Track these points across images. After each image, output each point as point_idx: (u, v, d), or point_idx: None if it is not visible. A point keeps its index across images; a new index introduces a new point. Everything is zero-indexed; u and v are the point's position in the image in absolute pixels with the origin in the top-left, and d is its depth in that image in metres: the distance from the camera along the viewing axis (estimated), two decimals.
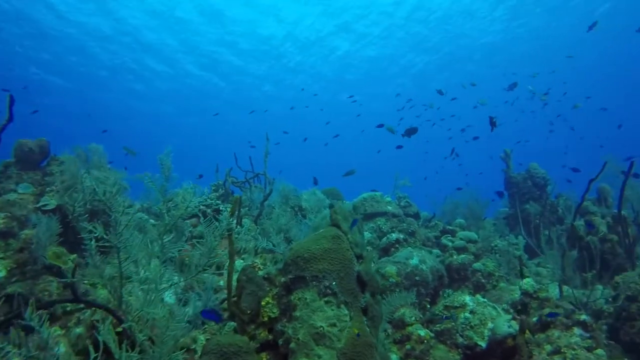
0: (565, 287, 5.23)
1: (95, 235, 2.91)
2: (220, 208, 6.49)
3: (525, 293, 4.65)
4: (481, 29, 22.59)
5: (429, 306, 5.39)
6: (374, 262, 5.94)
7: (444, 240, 6.94)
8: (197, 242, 3.29)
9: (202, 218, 6.03)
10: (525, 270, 6.62)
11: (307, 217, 6.37)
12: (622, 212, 5.78)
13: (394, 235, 6.29)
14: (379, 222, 7.34)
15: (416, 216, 8.04)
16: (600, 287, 6.05)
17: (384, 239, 6.32)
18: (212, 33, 23.12)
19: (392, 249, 6.15)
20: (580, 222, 6.29)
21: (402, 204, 7.96)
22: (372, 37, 23.81)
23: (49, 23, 19.99)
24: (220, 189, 8.15)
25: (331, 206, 7.47)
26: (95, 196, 4.93)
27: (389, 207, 7.62)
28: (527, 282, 4.66)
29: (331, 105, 32.74)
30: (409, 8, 20.78)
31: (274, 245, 4.45)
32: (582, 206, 6.50)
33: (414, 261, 5.39)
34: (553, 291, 6.00)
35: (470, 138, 15.07)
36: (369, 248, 6.04)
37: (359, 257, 3.44)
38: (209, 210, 6.47)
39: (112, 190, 3.03)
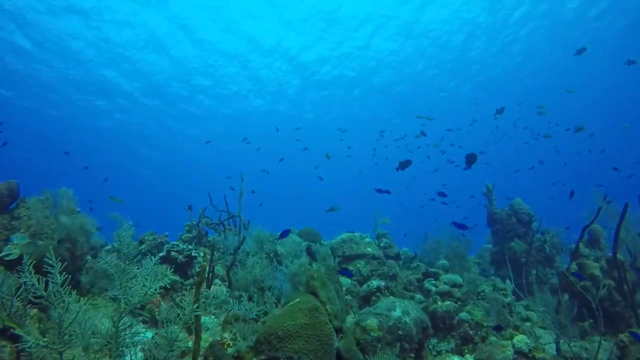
0: (561, 341, 4.79)
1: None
2: (193, 254, 5.90)
3: (519, 352, 4.18)
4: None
5: None
6: (353, 313, 5.42)
7: (427, 285, 6.47)
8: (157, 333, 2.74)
9: (171, 267, 5.46)
10: (515, 317, 6.19)
11: (283, 263, 5.87)
12: (618, 256, 5.44)
13: (375, 283, 5.80)
14: (358, 265, 6.87)
15: (397, 257, 7.59)
16: (597, 338, 5.63)
17: (364, 286, 5.82)
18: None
19: (373, 298, 5.65)
20: (572, 266, 5.92)
21: (382, 244, 7.51)
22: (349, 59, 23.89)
23: None
24: (194, 230, 7.60)
25: (309, 250, 6.99)
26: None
27: (369, 249, 7.16)
28: (521, 340, 4.21)
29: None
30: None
31: (246, 310, 3.89)
32: (572, 248, 6.15)
33: (397, 313, 4.89)
34: (547, 346, 5.56)
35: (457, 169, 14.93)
36: (348, 297, 5.53)
37: (339, 330, 2.94)
38: (180, 257, 5.89)
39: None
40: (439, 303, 6.03)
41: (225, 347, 3.25)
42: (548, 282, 8.36)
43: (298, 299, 2.98)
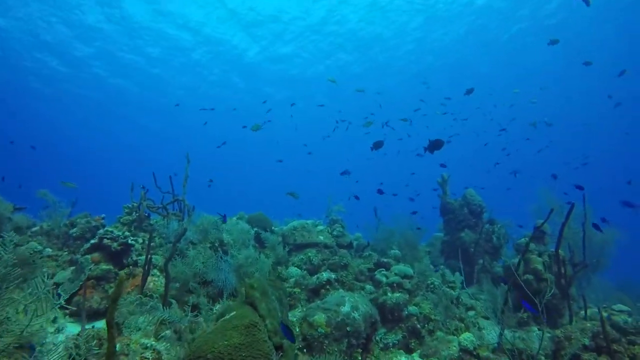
0: (499, 331, 4.83)
1: None
2: (129, 242, 5.41)
3: (464, 350, 4.15)
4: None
5: (360, 358, 4.77)
6: (301, 307, 5.23)
7: (378, 276, 6.38)
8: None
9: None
10: (461, 309, 6.24)
11: (229, 252, 5.56)
12: (560, 252, 5.54)
13: (325, 275, 5.62)
14: (309, 254, 6.67)
15: (349, 246, 7.47)
16: (535, 328, 5.77)
17: (314, 278, 5.62)
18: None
19: (323, 291, 5.47)
20: (517, 260, 6.01)
21: (334, 232, 7.34)
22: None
23: None
24: (135, 213, 7.08)
25: (257, 237, 6.70)
26: None
27: (321, 237, 6.98)
28: (467, 338, 4.17)
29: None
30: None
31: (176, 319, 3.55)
32: (519, 243, 6.25)
33: (346, 308, 4.75)
34: (489, 337, 5.64)
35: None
36: (296, 290, 5.31)
37: (279, 347, 2.69)
38: (114, 245, 5.38)
39: None
40: (389, 294, 5.97)
41: None
42: (492, 272, 8.58)
43: (234, 313, 2.68)
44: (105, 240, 5.20)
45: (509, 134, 25.55)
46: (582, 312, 5.83)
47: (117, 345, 3.33)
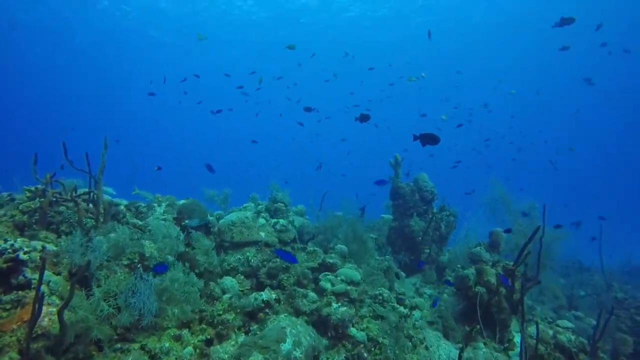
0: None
1: None
2: (21, 257, 4.28)
3: None
4: None
5: None
6: (235, 337, 4.56)
7: (322, 283, 5.84)
8: None
9: None
10: (409, 323, 5.94)
11: (151, 266, 4.70)
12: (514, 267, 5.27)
13: (264, 296, 4.94)
14: (248, 254, 5.96)
15: (294, 241, 6.82)
16: (481, 344, 5.60)
17: (252, 298, 4.92)
18: None
19: (261, 314, 4.83)
20: (470, 271, 5.71)
21: (277, 227, 6.63)
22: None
23: None
24: (38, 200, 5.84)
25: (187, 238, 5.82)
26: None
27: (262, 234, 6.25)
28: None
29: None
30: None
31: None
32: (473, 252, 5.92)
33: (287, 346, 4.15)
34: (437, 352, 5.39)
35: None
36: (229, 317, 4.62)
37: None
38: None
39: None
40: (333, 306, 5.48)
41: None
42: (437, 261, 8.43)
43: None
44: None
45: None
46: (529, 328, 5.73)
47: None
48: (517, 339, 5.70)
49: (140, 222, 5.85)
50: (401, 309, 5.68)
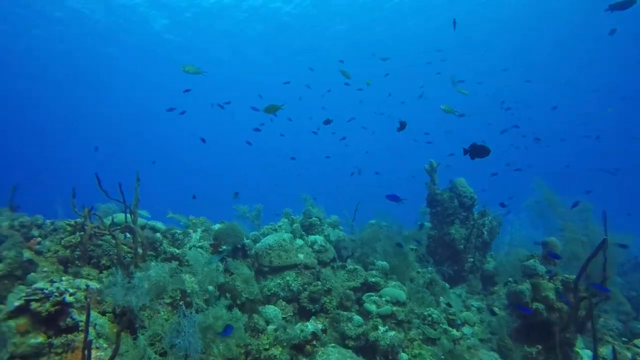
0: None
1: None
2: (67, 299, 4.24)
3: None
4: None
5: None
6: None
7: (367, 305, 5.61)
8: None
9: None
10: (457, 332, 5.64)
11: (193, 302, 4.59)
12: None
13: (310, 327, 4.76)
14: (287, 278, 5.78)
15: (333, 260, 6.62)
16: None
17: (297, 330, 4.74)
18: None
19: (308, 347, 4.64)
20: (525, 286, 5.35)
21: (315, 247, 6.44)
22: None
23: None
24: (78, 234, 5.84)
25: (225, 271, 5.66)
26: None
27: (300, 256, 6.06)
28: None
29: None
30: None
31: None
32: (527, 265, 5.56)
33: None
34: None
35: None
36: (274, 352, 4.45)
37: None
38: (46, 306, 4.10)
39: None
40: (380, 329, 5.25)
41: None
42: (482, 269, 8.06)
43: None
44: (34, 304, 4.09)
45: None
46: (600, 349, 5.32)
47: None
48: None
49: (177, 251, 5.76)
50: (454, 332, 5.38)
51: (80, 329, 4.24)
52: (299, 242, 6.27)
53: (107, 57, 25.58)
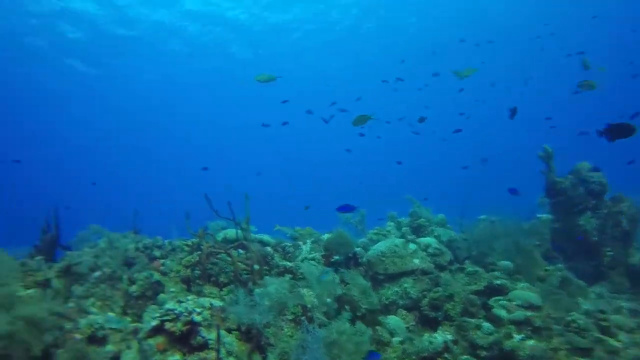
0: None
1: None
2: (195, 319, 4.41)
3: None
4: None
5: None
6: None
7: (496, 311, 5.12)
8: None
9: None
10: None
11: (314, 318, 4.52)
12: None
13: (440, 339, 4.44)
14: (405, 285, 5.51)
15: (450, 263, 6.20)
16: None
17: (425, 341, 4.45)
18: None
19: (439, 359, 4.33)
20: None
21: (430, 250, 6.08)
22: None
23: None
24: (196, 254, 6.16)
25: (341, 282, 5.55)
26: None
27: (416, 261, 5.75)
28: None
29: None
30: None
31: None
32: None
33: None
34: None
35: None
36: None
37: None
38: (178, 326, 4.35)
39: None
40: (516, 338, 4.74)
41: None
42: (627, 263, 7.03)
43: None
44: (167, 324, 4.31)
45: None
46: None
47: None
48: None
49: (289, 264, 5.79)
50: (611, 341, 4.67)
51: (210, 346, 4.37)
52: (412, 246, 5.96)
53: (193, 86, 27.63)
